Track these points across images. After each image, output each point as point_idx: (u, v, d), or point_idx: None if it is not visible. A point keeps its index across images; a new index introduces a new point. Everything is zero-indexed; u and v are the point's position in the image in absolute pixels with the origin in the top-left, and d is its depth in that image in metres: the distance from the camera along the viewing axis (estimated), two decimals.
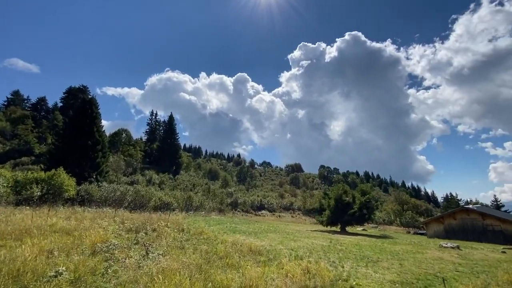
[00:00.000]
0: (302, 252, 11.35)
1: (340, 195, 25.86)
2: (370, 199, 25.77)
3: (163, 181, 47.68)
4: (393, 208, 55.06)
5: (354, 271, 8.96)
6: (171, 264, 6.93)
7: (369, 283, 7.73)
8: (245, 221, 30.23)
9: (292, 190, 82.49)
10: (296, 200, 63.04)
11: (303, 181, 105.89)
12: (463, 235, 27.57)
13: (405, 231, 39.76)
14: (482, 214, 27.44)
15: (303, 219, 49.57)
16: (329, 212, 25.71)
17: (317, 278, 7.50)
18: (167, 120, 70.92)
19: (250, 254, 9.75)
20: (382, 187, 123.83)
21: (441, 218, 30.77)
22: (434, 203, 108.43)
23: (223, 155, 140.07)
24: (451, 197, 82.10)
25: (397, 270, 9.41)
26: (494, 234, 25.95)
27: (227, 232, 15.66)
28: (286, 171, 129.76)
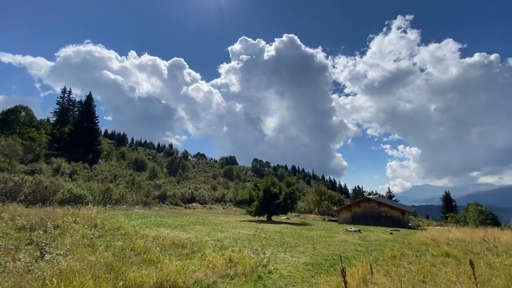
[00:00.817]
0: (227, 242, 11.52)
1: (268, 187, 27.36)
2: (294, 190, 28.10)
3: (75, 170, 41.20)
4: (313, 198, 61.49)
5: (274, 256, 9.60)
6: (74, 265, 6.02)
7: (286, 266, 8.39)
8: (173, 214, 28.91)
9: (225, 182, 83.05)
10: (228, 192, 63.77)
11: (237, 173, 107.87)
12: (364, 221, 32.92)
13: (321, 218, 45.00)
14: (379, 203, 33.36)
15: (234, 210, 50.60)
16: (257, 203, 26.92)
17: (238, 266, 7.71)
18: (84, 101, 61.13)
19: (173, 248, 9.34)
20: (305, 180, 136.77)
21: (349, 206, 36.05)
22: (346, 194, 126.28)
23: (152, 144, 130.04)
24: (358, 189, 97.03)
25: (311, 253, 10.52)
26: (386, 219, 31.90)
27: (150, 227, 14.64)
28: (221, 163, 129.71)
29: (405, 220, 31.71)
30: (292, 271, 7.97)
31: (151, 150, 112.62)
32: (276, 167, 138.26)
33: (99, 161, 56.86)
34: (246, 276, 7.15)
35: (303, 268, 8.36)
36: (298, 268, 8.27)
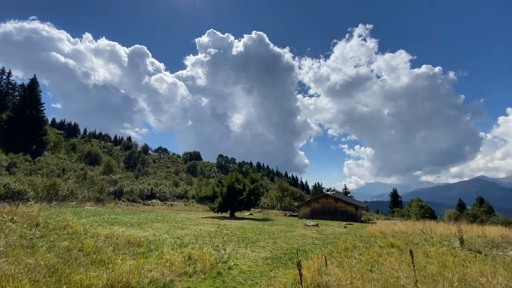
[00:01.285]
0: (188, 239, 11.24)
1: (233, 183, 27.33)
2: (258, 186, 28.50)
3: (14, 163, 36.46)
4: (276, 194, 63.04)
5: (235, 252, 9.63)
6: (7, 269, 5.33)
7: (246, 262, 8.48)
8: (129, 211, 27.30)
9: (188, 178, 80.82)
10: (191, 188, 62.21)
11: (201, 169, 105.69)
12: (322, 215, 34.82)
13: (283, 214, 46.44)
14: (335, 198, 35.57)
15: (197, 207, 49.60)
16: (221, 199, 26.74)
17: (198, 264, 7.58)
18: (27, 85, 54.15)
19: (128, 247, 8.82)
20: (269, 176, 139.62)
21: (309, 202, 37.81)
22: (306, 190, 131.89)
23: (108, 136, 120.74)
24: (318, 186, 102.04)
25: (271, 248, 10.78)
26: (341, 214, 34.13)
27: (103, 225, 13.63)
28: (184, 158, 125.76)
29: (358, 214, 34.28)
30: (252, 266, 8.08)
31: (106, 143, 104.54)
32: (242, 164, 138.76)
33: (44, 153, 51.11)
34: (206, 273, 7.05)
35: (263, 262, 8.53)
36: (258, 263, 8.41)
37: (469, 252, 10.52)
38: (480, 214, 50.67)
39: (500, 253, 10.35)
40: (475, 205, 61.67)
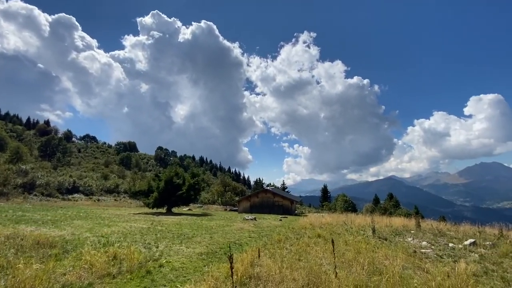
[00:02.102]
0: (114, 238, 10.26)
1: (171, 177, 25.98)
2: (199, 181, 27.79)
3: None
4: (217, 189, 62.76)
5: (168, 249, 9.21)
6: None
7: (179, 258, 8.19)
8: (43, 207, 23.43)
9: (121, 170, 73.66)
10: (124, 182, 56.87)
11: (136, 162, 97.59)
12: (261, 209, 36.21)
13: (223, 209, 46.56)
14: (274, 193, 37.44)
15: (129, 202, 45.67)
16: (157, 194, 25.15)
17: (124, 263, 7.00)
18: None
19: (37, 249, 7.56)
20: (212, 171, 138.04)
21: (249, 197, 38.85)
22: (248, 185, 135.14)
23: (18, 118, 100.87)
24: (259, 181, 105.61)
25: (207, 243, 10.67)
26: (278, 208, 36.11)
27: (5, 223, 11.36)
28: (117, 149, 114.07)
29: (293, 208, 36.79)
30: (186, 262, 7.86)
31: (15, 126, 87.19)
32: (183, 157, 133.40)
33: None
34: (133, 273, 6.56)
35: (197, 258, 8.38)
36: (192, 259, 8.23)
37: (378, 240, 12.36)
38: (390, 207, 60.28)
39: (401, 240, 12.45)
40: (386, 200, 73.07)
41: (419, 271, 7.33)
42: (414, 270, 7.45)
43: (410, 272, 7.22)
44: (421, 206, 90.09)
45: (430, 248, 10.32)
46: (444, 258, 9.05)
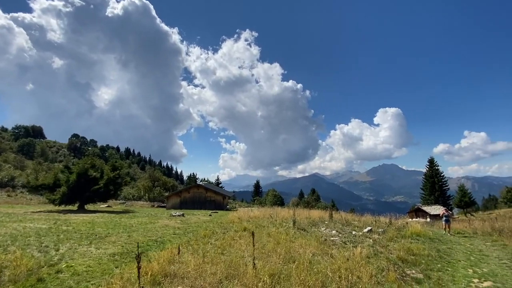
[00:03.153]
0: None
1: (85, 170, 22.56)
2: (120, 175, 25.03)
3: None
4: (145, 184, 58.16)
5: (72, 252, 8.00)
6: None
7: (85, 261, 7.20)
8: None
9: (19, 160, 60.67)
10: (22, 174, 46.92)
11: (42, 150, 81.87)
12: (192, 205, 35.20)
13: (150, 205, 43.37)
14: (206, 188, 36.89)
15: (29, 199, 37.99)
16: (65, 189, 21.48)
17: (6, 272, 5.73)
18: None
19: None
20: (140, 165, 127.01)
21: (179, 192, 37.26)
22: (181, 181, 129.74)
23: None
24: (192, 176, 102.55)
25: (123, 242, 9.71)
26: (210, 203, 35.77)
27: None
28: (15, 134, 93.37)
29: (225, 203, 37.03)
30: (93, 265, 6.95)
31: None
32: (105, 148, 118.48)
33: None
34: (18, 282, 5.43)
35: (108, 259, 7.52)
36: (102, 261, 7.35)
37: (298, 231, 13.51)
38: (312, 201, 66.99)
39: (316, 230, 13.91)
40: (309, 195, 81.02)
41: (326, 256, 8.30)
42: (322, 256, 8.39)
43: (319, 258, 8.10)
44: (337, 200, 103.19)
45: (338, 236, 11.84)
46: (347, 244, 10.50)
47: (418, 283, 6.42)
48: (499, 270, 7.98)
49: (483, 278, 7.18)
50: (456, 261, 9.09)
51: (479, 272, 7.73)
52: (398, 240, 11.50)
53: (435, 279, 6.78)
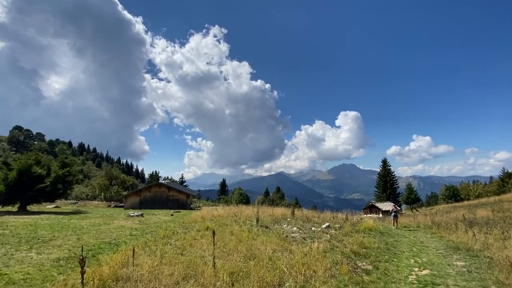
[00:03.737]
0: None
1: (29, 166, 20.07)
2: (70, 172, 22.81)
3: None
4: (101, 183, 54.09)
5: (7, 258, 7.10)
6: None
7: (23, 268, 6.44)
8: None
9: None
10: None
11: None
12: (153, 205, 33.59)
13: (106, 205, 40.41)
14: (169, 187, 35.46)
15: None
16: (3, 188, 18.89)
17: None
18: None
19: None
20: (96, 162, 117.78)
21: (139, 191, 35.27)
22: (142, 179, 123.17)
23: None
24: (155, 174, 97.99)
25: (71, 246, 8.89)
26: (173, 202, 34.48)
27: None
28: None
29: (189, 202, 36.04)
30: (32, 272, 6.24)
31: None
32: (54, 142, 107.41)
33: None
34: None
35: (51, 265, 6.81)
36: (44, 267, 6.63)
37: (261, 228, 13.69)
38: (277, 199, 68.47)
39: (279, 227, 14.24)
40: (274, 193, 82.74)
41: (286, 252, 8.53)
42: (282, 252, 8.61)
43: (279, 254, 8.29)
44: (300, 198, 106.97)
45: (298, 233, 12.27)
46: (306, 240, 10.92)
47: (367, 274, 6.92)
48: (435, 259, 8.97)
49: (422, 267, 8.00)
50: (401, 252, 10.02)
51: (419, 262, 8.60)
52: (352, 234, 12.29)
53: (382, 270, 7.37)
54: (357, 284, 6.12)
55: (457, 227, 14.38)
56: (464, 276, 6.95)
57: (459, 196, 62.73)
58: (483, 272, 7.24)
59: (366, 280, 6.41)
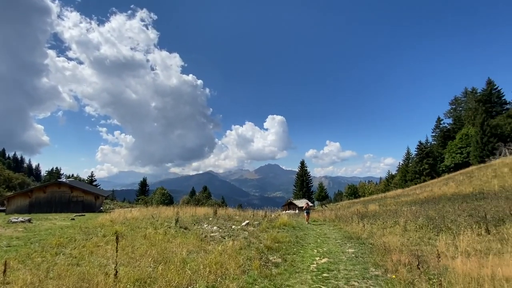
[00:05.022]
0: None
1: None
2: None
3: None
4: None
5: None
6: None
7: None
8: None
9: None
10: None
11: None
12: (49, 208, 27.93)
13: None
14: (71, 187, 30.12)
15: None
16: None
17: None
18: None
19: None
20: None
21: (29, 192, 28.73)
22: (36, 177, 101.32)
23: None
24: (55, 171, 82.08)
25: None
26: (76, 204, 29.47)
27: None
28: None
29: (98, 204, 31.54)
30: None
31: None
32: None
33: None
34: None
35: None
36: None
37: (179, 229, 13.08)
38: (203, 198, 67.17)
39: (199, 227, 13.90)
40: (201, 192, 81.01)
41: (202, 252, 8.38)
42: (198, 252, 8.42)
43: (194, 255, 8.07)
44: (227, 197, 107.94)
45: (218, 232, 12.27)
46: (225, 238, 11.01)
47: (276, 267, 7.44)
48: (334, 248, 10.38)
49: (322, 256, 9.13)
50: (308, 244, 11.21)
51: (320, 251, 9.79)
52: (269, 230, 13.07)
53: (289, 261, 8.06)
54: (266, 277, 6.49)
55: (352, 220, 17.08)
56: (352, 261, 8.26)
57: (358, 193, 75.20)
58: (366, 256, 8.77)
59: (274, 273, 6.87)
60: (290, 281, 6.36)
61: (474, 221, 11.53)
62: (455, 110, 70.94)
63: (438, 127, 71.46)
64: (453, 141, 58.07)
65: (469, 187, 27.36)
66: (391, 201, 29.96)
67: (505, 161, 33.83)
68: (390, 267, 6.94)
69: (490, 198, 18.45)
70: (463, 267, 5.77)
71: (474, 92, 64.52)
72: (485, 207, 14.73)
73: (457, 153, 55.14)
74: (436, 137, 69.85)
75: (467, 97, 67.24)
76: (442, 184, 35.44)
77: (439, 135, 68.62)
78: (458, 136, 56.71)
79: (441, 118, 72.15)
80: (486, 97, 58.08)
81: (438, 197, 25.02)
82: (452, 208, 16.20)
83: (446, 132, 67.19)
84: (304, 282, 6.32)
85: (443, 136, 66.24)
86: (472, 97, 64.02)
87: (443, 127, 70.31)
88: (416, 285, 5.64)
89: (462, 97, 69.75)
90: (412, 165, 66.40)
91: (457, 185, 30.54)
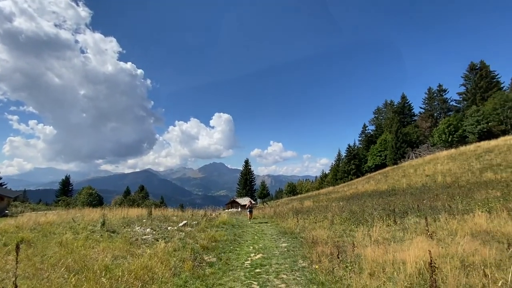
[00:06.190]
0: None
1: None
2: None
3: None
4: None
5: None
6: None
7: None
8: None
9: None
10: None
11: None
12: None
13: None
14: None
15: None
16: None
17: None
18: None
19: None
20: None
21: None
22: None
23: None
24: None
25: None
26: None
27: None
28: None
29: (2, 207, 26.17)
30: None
31: None
32: None
33: None
34: None
35: None
36: None
37: (106, 233, 11.79)
38: (139, 198, 62.04)
39: (129, 230, 12.78)
40: (137, 192, 74.76)
41: (130, 257, 7.72)
42: (126, 257, 7.73)
43: (120, 260, 7.37)
44: (168, 197, 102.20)
45: (151, 234, 11.50)
46: (159, 240, 10.37)
47: (210, 266, 7.36)
48: (269, 244, 10.82)
49: (257, 252, 9.42)
50: (245, 241, 11.44)
51: (256, 248, 10.10)
52: (207, 230, 12.87)
53: (224, 260, 8.08)
54: (198, 278, 6.36)
55: (288, 216, 18.13)
56: (284, 255, 8.75)
57: (296, 191, 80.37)
58: (297, 249, 9.40)
59: (208, 273, 6.79)
60: (223, 280, 6.38)
61: (386, 214, 13.52)
62: (377, 118, 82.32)
63: (363, 132, 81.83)
64: (375, 145, 67.35)
65: (385, 185, 32.06)
66: (323, 198, 32.96)
67: (411, 163, 40.79)
68: (315, 258, 7.58)
69: (399, 194, 21.97)
70: (372, 254, 6.70)
71: (392, 104, 76.13)
72: (395, 202, 17.43)
73: (377, 155, 64.10)
74: (362, 141, 79.95)
75: (386, 108, 78.84)
76: (365, 183, 40.69)
77: (364, 140, 78.74)
78: (379, 141, 66.04)
79: (366, 125, 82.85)
80: (400, 109, 69.23)
81: (361, 194, 28.61)
82: (371, 203, 18.69)
83: (369, 137, 77.54)
84: (237, 279, 6.41)
85: (367, 141, 76.27)
86: (390, 108, 75.40)
87: (367, 133, 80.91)
88: (335, 272, 6.30)
89: (383, 108, 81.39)
90: (342, 165, 74.36)
91: (376, 183, 35.44)
